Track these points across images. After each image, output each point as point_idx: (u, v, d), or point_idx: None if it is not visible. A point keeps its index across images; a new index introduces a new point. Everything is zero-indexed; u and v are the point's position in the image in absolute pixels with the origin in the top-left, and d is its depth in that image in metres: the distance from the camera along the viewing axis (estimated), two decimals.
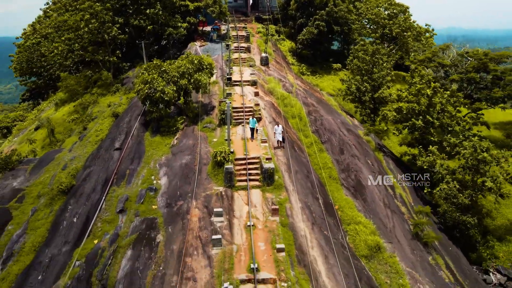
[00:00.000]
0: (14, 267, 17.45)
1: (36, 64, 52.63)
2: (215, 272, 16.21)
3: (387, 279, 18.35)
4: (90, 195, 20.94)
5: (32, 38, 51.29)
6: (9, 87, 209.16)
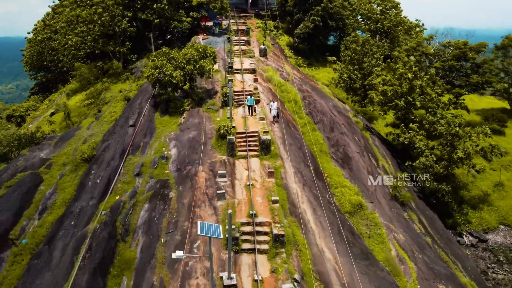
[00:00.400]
0: (48, 217, 20.77)
1: (47, 58, 56.02)
2: (220, 218, 19.53)
3: (367, 229, 21.67)
4: (110, 162, 24.30)
5: (43, 33, 54.65)
6: (9, 87, 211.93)
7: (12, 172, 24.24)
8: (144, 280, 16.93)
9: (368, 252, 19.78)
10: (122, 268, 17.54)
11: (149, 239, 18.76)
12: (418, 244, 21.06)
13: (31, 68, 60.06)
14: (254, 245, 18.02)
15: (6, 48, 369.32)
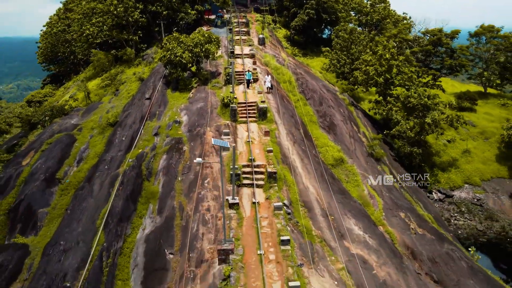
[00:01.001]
0: (85, 165, 25.84)
1: (60, 49, 61.19)
2: (225, 163, 24.60)
3: (345, 177, 26.77)
4: (132, 125, 29.43)
5: (58, 26, 59.85)
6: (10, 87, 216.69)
7: (50, 134, 29.37)
8: (166, 205, 22.02)
9: (345, 191, 24.90)
10: (148, 197, 22.63)
11: (168, 178, 23.86)
12: (388, 188, 26.18)
13: (45, 59, 65.27)
14: (253, 181, 23.13)
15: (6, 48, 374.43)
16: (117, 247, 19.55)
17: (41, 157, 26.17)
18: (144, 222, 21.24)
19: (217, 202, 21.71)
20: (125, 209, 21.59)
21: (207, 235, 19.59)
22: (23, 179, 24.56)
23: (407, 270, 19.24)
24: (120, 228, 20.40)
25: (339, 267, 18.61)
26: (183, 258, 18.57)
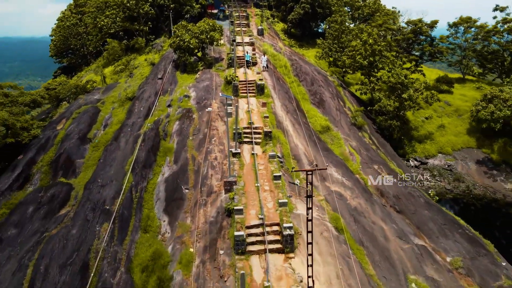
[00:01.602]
0: (110, 129, 31.11)
1: (72, 42, 66.52)
2: (228, 126, 29.83)
3: (331, 140, 32.03)
4: (147, 99, 34.73)
5: (70, 20, 65.19)
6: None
7: (77, 106, 34.64)
8: (180, 156, 27.27)
9: (329, 149, 30.17)
10: (165, 152, 27.88)
11: (181, 138, 29.12)
12: (365, 147, 31.48)
13: (57, 52, 70.56)
14: (252, 139, 28.35)
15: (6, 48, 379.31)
16: (143, 186, 24.81)
17: (73, 123, 31.48)
18: (163, 170, 26.51)
19: (222, 153, 26.97)
20: (147, 159, 26.85)
21: (215, 175, 24.85)
22: (60, 139, 29.85)
23: (375, 202, 24.50)
24: (144, 173, 25.67)
25: (320, 199, 23.86)
26: (197, 191, 23.84)
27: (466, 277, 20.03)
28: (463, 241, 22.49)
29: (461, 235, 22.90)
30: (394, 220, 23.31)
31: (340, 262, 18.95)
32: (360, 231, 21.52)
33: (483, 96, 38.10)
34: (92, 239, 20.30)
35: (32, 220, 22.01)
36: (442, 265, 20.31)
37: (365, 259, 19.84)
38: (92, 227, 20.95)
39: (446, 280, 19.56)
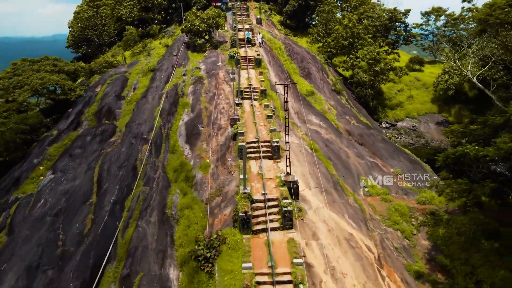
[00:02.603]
0: (138, 91, 40.12)
1: (88, 33, 75.71)
2: (233, 87, 38.92)
3: (314, 101, 41.04)
4: (166, 70, 43.81)
5: (88, 12, 74.44)
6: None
7: (109, 76, 43.72)
8: (196, 107, 36.25)
9: (312, 106, 39.20)
10: (184, 105, 36.88)
11: (196, 96, 38.14)
12: (341, 105, 40.54)
13: (73, 43, 79.74)
14: (251, 95, 37.37)
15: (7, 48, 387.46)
16: (168, 126, 33.82)
17: (108, 86, 40.55)
18: (183, 117, 35.50)
19: (228, 105, 35.99)
20: (170, 109, 35.88)
21: (223, 118, 33.87)
22: (100, 97, 38.89)
23: (343, 137, 33.52)
24: (168, 118, 34.69)
25: (301, 134, 32.87)
26: (209, 128, 32.85)
27: (403, 179, 29.03)
28: (405, 161, 31.52)
29: (405, 158, 31.95)
30: (356, 148, 32.36)
31: (312, 166, 27.95)
32: (329, 152, 30.55)
33: (443, 70, 47.23)
34: (136, 154, 29.28)
35: (91, 144, 30.96)
36: (385, 169, 29.33)
37: (330, 166, 28.85)
38: (135, 147, 29.93)
39: (388, 182, 28.56)
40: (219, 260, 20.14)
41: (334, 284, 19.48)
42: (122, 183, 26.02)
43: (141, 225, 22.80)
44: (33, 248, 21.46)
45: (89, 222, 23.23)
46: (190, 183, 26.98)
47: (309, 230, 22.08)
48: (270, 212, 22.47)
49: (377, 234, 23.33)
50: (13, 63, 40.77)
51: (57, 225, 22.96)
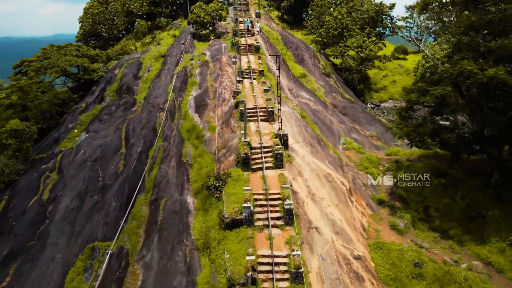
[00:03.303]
0: (152, 73, 46.80)
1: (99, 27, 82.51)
2: (235, 68, 45.62)
3: (305, 82, 47.74)
4: (175, 55, 50.56)
5: (99, 8, 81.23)
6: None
7: (125, 60, 50.44)
8: (203, 85, 42.91)
9: (303, 85, 45.90)
10: (192, 83, 43.55)
11: (202, 76, 44.81)
12: (329, 85, 47.26)
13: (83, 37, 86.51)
14: (250, 75, 44.06)
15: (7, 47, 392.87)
16: (180, 99, 40.48)
17: (126, 68, 47.28)
18: (192, 92, 42.14)
19: (230, 83, 42.65)
20: (181, 86, 42.56)
21: (226, 92, 40.52)
22: (119, 77, 45.56)
23: (329, 109, 40.20)
24: (180, 93, 41.36)
25: (293, 105, 39.54)
26: (215, 100, 39.51)
27: (376, 139, 35.71)
28: (380, 127, 38.20)
29: (380, 124, 38.64)
30: (339, 116, 39.07)
31: (301, 128, 34.60)
32: (315, 118, 37.24)
33: (422, 56, 53.98)
34: (155, 119, 35.94)
35: (116, 112, 37.61)
36: (362, 132, 36.00)
37: (316, 129, 35.53)
38: (154, 114, 36.60)
39: (362, 140, 35.23)
40: (225, 188, 26.71)
41: (313, 204, 26.08)
42: (145, 139, 32.66)
43: (163, 168, 29.43)
44: (80, 182, 28.07)
45: (121, 166, 29.85)
46: (200, 140, 33.63)
47: (295, 169, 28.71)
48: (265, 156, 29.10)
49: (350, 175, 29.97)
50: (42, 48, 47.41)
51: (96, 167, 29.59)
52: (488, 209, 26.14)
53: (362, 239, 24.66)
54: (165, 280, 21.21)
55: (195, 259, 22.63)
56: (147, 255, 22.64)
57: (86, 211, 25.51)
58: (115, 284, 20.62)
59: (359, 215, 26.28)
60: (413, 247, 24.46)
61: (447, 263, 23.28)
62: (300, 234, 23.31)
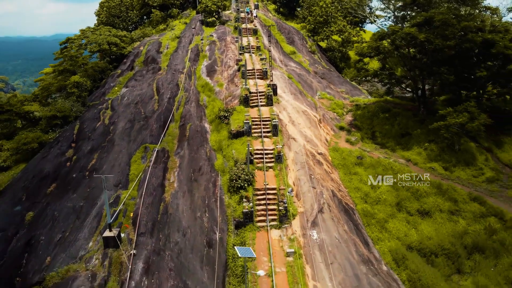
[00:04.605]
0: (170, 49, 60.11)
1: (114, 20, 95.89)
2: (237, 46, 58.88)
3: (294, 57, 61.01)
4: (188, 37, 63.93)
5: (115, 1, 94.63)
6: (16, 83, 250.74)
7: (147, 41, 63.78)
8: (212, 57, 56.13)
9: (292, 59, 59.18)
10: (203, 56, 56.77)
11: (211, 51, 58.07)
12: (313, 59, 60.59)
13: None
14: (250, 50, 57.28)
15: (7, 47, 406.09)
16: (194, 68, 53.69)
17: (149, 46, 60.58)
18: (203, 62, 55.33)
19: (234, 55, 55.85)
20: (194, 58, 55.81)
21: (231, 61, 53.73)
22: (144, 52, 58.82)
23: (311, 74, 53.45)
24: (194, 63, 54.60)
25: (283, 70, 52.78)
26: (222, 67, 52.73)
27: (345, 94, 48.94)
28: (349, 86, 51.45)
29: (350, 85, 51.87)
30: (318, 79, 52.30)
31: (287, 84, 47.77)
32: (299, 79, 50.48)
33: None
34: (177, 78, 49.07)
35: (147, 74, 50.76)
36: (335, 89, 49.21)
37: (299, 85, 48.73)
38: (176, 75, 49.74)
39: (334, 93, 48.47)
40: (231, 116, 39.77)
41: (292, 126, 39.18)
42: (171, 91, 45.83)
43: (186, 107, 42.55)
44: (128, 114, 41.13)
45: (156, 106, 42.95)
46: (212, 92, 46.78)
47: (281, 107, 41.87)
48: (260, 98, 42.23)
49: (321, 113, 43.13)
50: (81, 30, 60.82)
51: (139, 107, 42.69)
52: (414, 130, 39.34)
53: (324, 145, 37.80)
54: (194, 163, 34.19)
55: (212, 154, 35.70)
56: (181, 151, 35.62)
57: (137, 129, 38.52)
58: (162, 164, 33.53)
59: (324, 133, 39.43)
60: (359, 150, 37.59)
61: (380, 158, 36.39)
62: (282, 140, 36.42)
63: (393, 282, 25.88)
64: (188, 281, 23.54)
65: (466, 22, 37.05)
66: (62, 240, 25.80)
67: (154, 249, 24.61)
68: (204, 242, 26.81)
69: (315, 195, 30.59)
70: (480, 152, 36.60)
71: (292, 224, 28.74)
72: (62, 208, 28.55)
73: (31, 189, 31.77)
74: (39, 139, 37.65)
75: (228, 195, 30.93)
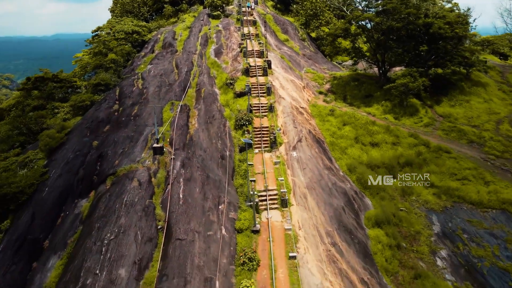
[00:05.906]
0: (183, 37, 74.06)
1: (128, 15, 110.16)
2: (240, 34, 73.01)
3: (288, 44, 75.14)
4: (198, 27, 78.13)
5: None
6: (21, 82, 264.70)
7: (162, 31, 77.85)
8: (219, 42, 70.25)
9: (285, 44, 73.31)
10: (211, 42, 70.94)
11: (218, 38, 72.18)
12: (303, 45, 74.78)
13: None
14: (250, 37, 71.34)
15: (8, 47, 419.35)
16: (204, 50, 67.77)
17: (165, 34, 74.72)
18: (212, 46, 69.38)
19: (237, 40, 69.94)
20: (204, 43, 69.93)
21: (234, 45, 67.86)
22: (162, 39, 72.88)
23: (300, 55, 67.58)
24: (204, 47, 68.70)
25: (277, 53, 66.89)
26: (227, 50, 66.84)
27: (327, 70, 63.12)
28: (331, 65, 65.58)
29: (332, 64, 65.97)
30: (306, 59, 66.42)
31: (280, 61, 61.86)
32: (290, 59, 64.63)
33: None
34: (191, 58, 63.12)
35: (166, 55, 64.76)
36: (318, 67, 63.32)
37: (290, 63, 62.86)
38: (190, 56, 63.77)
39: (317, 69, 62.63)
40: (235, 83, 53.77)
41: (282, 90, 53.22)
42: (187, 66, 59.89)
43: (200, 78, 56.59)
44: (156, 82, 55.15)
45: (177, 77, 56.99)
46: (220, 68, 60.84)
47: (274, 77, 55.95)
48: (258, 70, 56.26)
49: (305, 82, 57.21)
50: (108, 20, 75.12)
51: (163, 78, 56.74)
52: (375, 92, 53.36)
53: (306, 103, 51.84)
54: (209, 113, 48.09)
55: (222, 108, 49.71)
56: (198, 106, 49.53)
57: (164, 92, 52.49)
58: (186, 113, 47.42)
59: (307, 96, 53.47)
60: (332, 106, 51.62)
61: (347, 111, 50.41)
62: (274, 98, 50.41)
63: (346, 180, 39.80)
64: (210, 173, 37.46)
65: (409, 9, 51.06)
66: (123, 152, 39.77)
67: (186, 155, 38.58)
68: (218, 156, 40.78)
69: (296, 132, 44.54)
70: (423, 107, 50.53)
71: (279, 149, 42.67)
72: (119, 137, 42.54)
73: (92, 128, 45.77)
74: (90, 98, 51.67)
75: (234, 131, 44.94)
